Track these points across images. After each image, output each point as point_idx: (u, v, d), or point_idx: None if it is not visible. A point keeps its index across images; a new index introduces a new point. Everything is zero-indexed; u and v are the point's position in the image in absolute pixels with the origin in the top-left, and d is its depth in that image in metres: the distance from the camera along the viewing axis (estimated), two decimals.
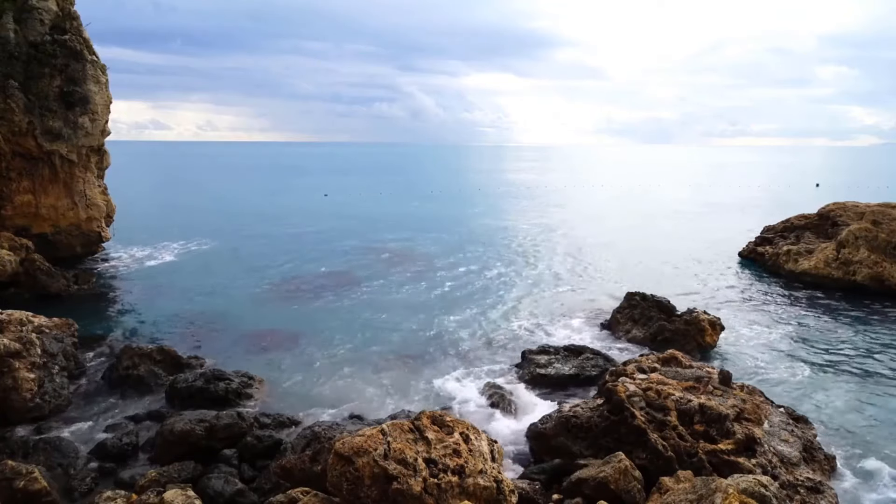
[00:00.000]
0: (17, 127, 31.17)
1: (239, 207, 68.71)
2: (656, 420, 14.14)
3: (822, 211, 38.63)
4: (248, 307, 28.74)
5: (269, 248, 43.61)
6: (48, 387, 17.63)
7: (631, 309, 25.11)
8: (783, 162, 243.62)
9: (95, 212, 35.76)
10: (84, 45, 33.79)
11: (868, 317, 27.20)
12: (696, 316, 23.28)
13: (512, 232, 52.27)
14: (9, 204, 32.36)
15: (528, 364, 20.60)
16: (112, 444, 15.30)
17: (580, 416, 15.16)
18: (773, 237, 39.25)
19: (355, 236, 48.77)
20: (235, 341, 23.93)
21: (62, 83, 32.58)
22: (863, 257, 31.50)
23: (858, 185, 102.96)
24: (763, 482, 10.43)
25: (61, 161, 33.30)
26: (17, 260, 29.38)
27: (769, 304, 29.55)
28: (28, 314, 19.40)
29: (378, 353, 22.70)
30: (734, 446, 13.42)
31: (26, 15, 32.05)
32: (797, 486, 12.74)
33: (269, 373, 20.54)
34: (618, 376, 16.29)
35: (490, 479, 11.22)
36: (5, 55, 30.88)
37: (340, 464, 11.00)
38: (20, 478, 12.41)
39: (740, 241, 42.43)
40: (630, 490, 12.50)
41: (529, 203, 77.57)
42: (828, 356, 22.47)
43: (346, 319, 26.75)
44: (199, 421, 15.39)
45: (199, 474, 14.03)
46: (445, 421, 12.18)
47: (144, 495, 12.05)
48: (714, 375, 16.29)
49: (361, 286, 32.74)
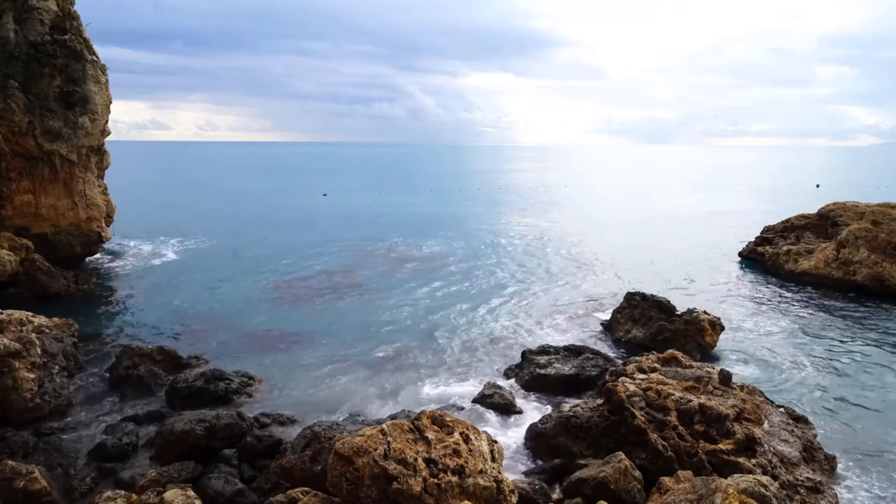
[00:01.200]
0: (17, 127, 31.17)
1: (239, 208, 68.74)
2: (656, 420, 14.14)
3: (822, 211, 38.64)
4: (248, 307, 28.74)
5: (269, 248, 43.62)
6: (48, 387, 17.63)
7: (631, 309, 25.10)
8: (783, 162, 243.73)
9: (95, 212, 35.75)
10: (84, 45, 33.79)
11: (868, 317, 27.20)
12: (696, 316, 23.27)
13: (512, 232, 52.28)
14: (9, 204, 32.35)
15: (528, 364, 20.60)
16: (112, 444, 15.30)
17: (580, 416, 15.17)
18: (773, 237, 39.25)
19: (355, 236, 48.79)
20: (235, 341, 23.93)
21: (62, 83, 32.58)
22: (863, 257, 31.51)
23: (858, 185, 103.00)
24: (763, 482, 10.43)
25: (61, 161, 33.30)
26: (17, 260, 29.38)
27: (769, 304, 29.55)
28: (28, 314, 19.40)
29: (378, 352, 22.70)
30: (734, 446, 13.42)
31: (26, 15, 32.05)
32: (797, 486, 12.74)
33: (269, 373, 20.55)
34: (618, 376, 16.29)
35: (490, 479, 11.22)
36: (5, 55, 30.87)
37: (340, 464, 10.99)
38: (20, 478, 12.40)
39: (740, 241, 42.45)
40: (630, 490, 12.50)
41: (529, 203, 77.60)
42: (828, 356, 22.47)
43: (345, 319, 26.75)
44: (199, 421, 15.39)
45: (199, 474, 14.03)
46: (445, 421, 12.17)
47: (144, 495, 12.05)
48: (714, 375, 16.29)
49: (361, 286, 32.75)
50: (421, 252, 42.46)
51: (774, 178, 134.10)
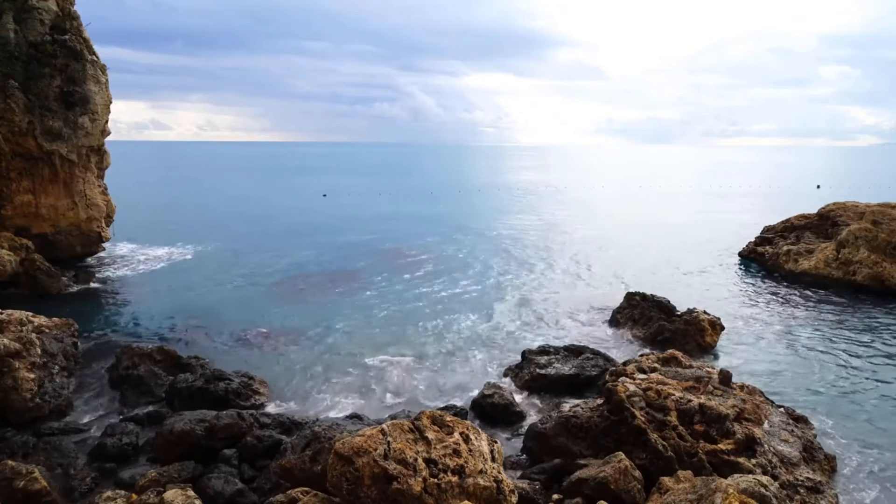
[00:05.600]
0: (17, 127, 31.16)
1: (239, 208, 68.73)
2: (656, 420, 14.14)
3: (822, 211, 38.65)
4: (248, 307, 28.74)
5: (269, 248, 43.61)
6: (48, 387, 17.63)
7: (631, 309, 25.11)
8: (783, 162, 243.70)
9: (95, 212, 35.74)
10: (84, 44, 33.78)
11: (868, 317, 27.19)
12: (696, 316, 23.28)
13: (512, 232, 52.28)
14: (9, 204, 32.35)
15: (528, 364, 20.60)
16: (112, 444, 15.30)
17: (580, 416, 15.16)
18: (773, 237, 39.26)
19: (355, 236, 48.80)
20: (236, 341, 23.94)
21: (62, 83, 32.57)
22: (863, 257, 31.51)
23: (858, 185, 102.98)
24: (763, 482, 10.43)
25: (61, 161, 33.29)
26: (17, 260, 29.39)
27: (769, 304, 29.54)
28: (28, 314, 19.40)
29: (378, 352, 22.70)
30: (734, 446, 13.42)
31: (26, 15, 32.04)
32: (797, 486, 12.74)
33: (269, 373, 20.55)
34: (618, 376, 16.28)
35: (490, 479, 11.22)
36: (5, 55, 30.87)
37: (340, 464, 10.99)
38: (20, 478, 12.40)
39: (740, 241, 42.43)
40: (630, 490, 12.49)
41: (529, 203, 77.60)
42: (828, 356, 22.47)
43: (346, 319, 26.74)
44: (199, 421, 15.39)
45: (199, 474, 14.03)
46: (445, 421, 12.17)
47: (144, 495, 12.05)
48: (714, 375, 16.29)
49: (361, 286, 32.75)
50: (421, 252, 42.44)
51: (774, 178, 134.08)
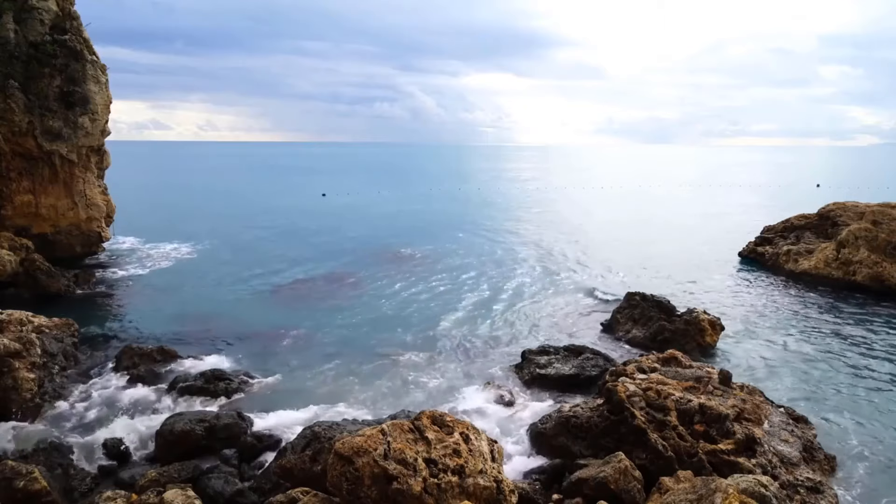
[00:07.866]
0: (17, 127, 31.18)
1: (238, 208, 68.72)
2: (656, 420, 14.14)
3: (822, 211, 38.65)
4: (248, 307, 28.74)
5: (268, 248, 43.62)
6: (48, 387, 17.65)
7: (631, 309, 25.10)
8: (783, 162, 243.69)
9: (95, 212, 35.76)
10: (84, 45, 33.80)
11: (868, 317, 27.19)
12: (696, 316, 23.27)
13: (512, 232, 52.28)
14: (9, 204, 32.37)
15: (528, 364, 20.59)
16: (112, 444, 15.30)
17: (580, 416, 15.16)
18: (773, 237, 39.25)
19: (354, 236, 48.80)
20: (235, 341, 23.93)
21: (62, 83, 32.60)
22: (863, 257, 31.50)
23: (858, 185, 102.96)
24: (763, 482, 10.43)
25: (61, 161, 33.31)
26: (17, 260, 29.39)
27: (769, 304, 29.53)
28: (28, 314, 19.42)
29: (378, 352, 22.69)
30: (734, 446, 13.42)
31: (26, 15, 32.07)
32: (797, 486, 12.74)
33: (269, 373, 20.54)
34: (618, 376, 16.28)
35: (490, 479, 11.22)
36: (5, 55, 30.88)
37: (340, 464, 10.99)
38: (20, 478, 12.39)
39: (740, 240, 42.41)
40: (630, 490, 12.49)
41: (529, 203, 77.58)
42: (827, 356, 22.46)
43: (345, 319, 26.74)
44: (199, 421, 15.39)
45: (199, 474, 14.01)
46: (445, 421, 12.18)
47: (144, 495, 12.05)
48: (714, 375, 16.29)
49: (360, 286, 32.74)
50: (420, 252, 42.44)
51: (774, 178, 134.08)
